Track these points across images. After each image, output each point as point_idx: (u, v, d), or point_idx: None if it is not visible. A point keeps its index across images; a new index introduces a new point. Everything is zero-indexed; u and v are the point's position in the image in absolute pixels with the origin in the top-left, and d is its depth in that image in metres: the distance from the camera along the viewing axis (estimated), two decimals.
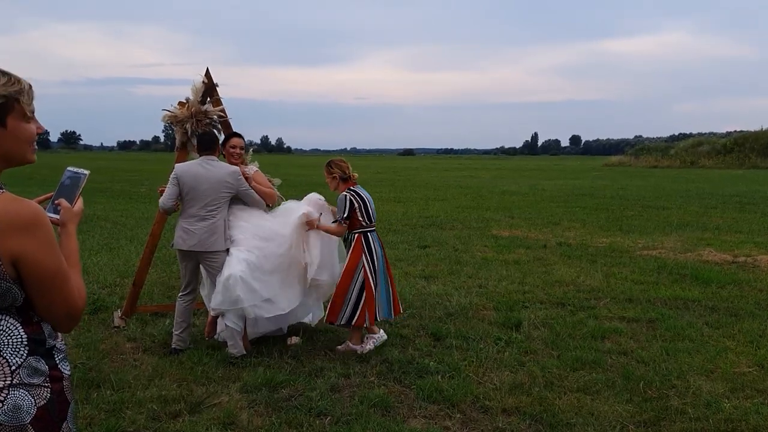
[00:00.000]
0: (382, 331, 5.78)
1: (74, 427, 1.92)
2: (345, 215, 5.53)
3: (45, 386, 1.79)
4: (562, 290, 7.86)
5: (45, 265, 1.73)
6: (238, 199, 5.64)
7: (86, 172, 2.03)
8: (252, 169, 5.88)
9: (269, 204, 5.83)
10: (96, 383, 4.73)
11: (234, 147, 5.75)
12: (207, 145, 5.61)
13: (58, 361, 1.84)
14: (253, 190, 5.65)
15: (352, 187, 5.65)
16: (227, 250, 5.48)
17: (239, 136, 5.87)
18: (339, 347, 5.63)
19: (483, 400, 4.53)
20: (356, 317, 5.49)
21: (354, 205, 5.54)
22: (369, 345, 5.57)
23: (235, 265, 5.30)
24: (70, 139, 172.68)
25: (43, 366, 1.79)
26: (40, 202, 2.00)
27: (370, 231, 5.65)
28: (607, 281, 8.34)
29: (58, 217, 1.95)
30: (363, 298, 5.50)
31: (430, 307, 6.96)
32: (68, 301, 1.80)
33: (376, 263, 5.58)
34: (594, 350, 5.57)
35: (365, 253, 5.56)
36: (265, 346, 5.61)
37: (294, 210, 5.77)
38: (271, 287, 5.44)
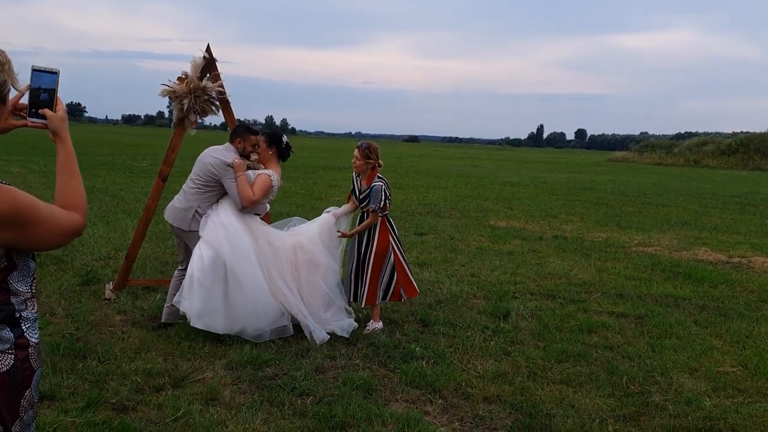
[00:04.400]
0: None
1: (36, 396, 1.94)
2: (381, 205, 5.65)
3: (9, 353, 1.80)
4: (553, 282, 7.87)
5: (38, 236, 1.78)
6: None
7: (57, 70, 1.94)
8: (255, 173, 5.52)
9: (244, 205, 5.37)
10: (82, 354, 4.76)
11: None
12: (230, 135, 5.74)
13: (25, 329, 1.85)
14: (234, 184, 5.33)
15: (380, 175, 5.79)
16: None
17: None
18: (366, 331, 5.67)
19: (465, 387, 4.56)
20: (390, 294, 5.79)
21: (387, 193, 5.73)
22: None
23: (193, 263, 5.23)
24: (74, 111, 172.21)
25: (8, 334, 1.80)
26: (16, 107, 1.98)
27: (389, 214, 5.90)
28: (600, 276, 8.35)
29: (43, 122, 1.92)
30: (395, 277, 5.77)
31: (420, 294, 6.95)
32: (67, 233, 1.85)
33: (399, 241, 5.94)
34: (580, 343, 5.59)
35: (392, 234, 5.81)
36: None
37: (302, 228, 5.78)
38: (219, 300, 5.17)
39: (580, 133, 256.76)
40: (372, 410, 4.08)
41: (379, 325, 5.76)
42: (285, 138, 5.73)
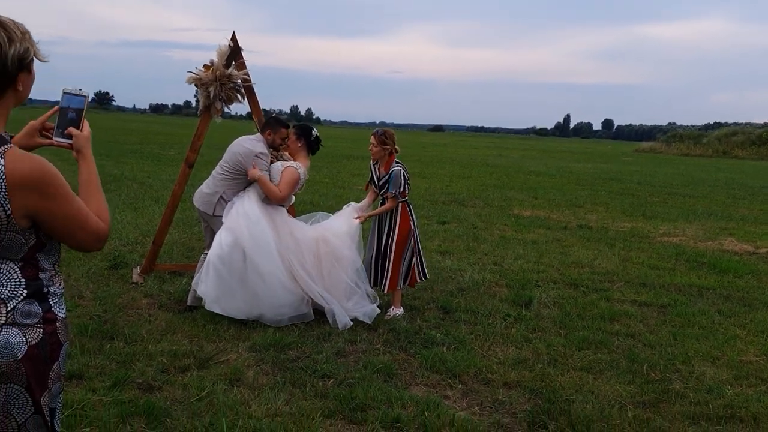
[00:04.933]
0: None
1: (64, 369, 2.01)
2: (401, 190, 5.68)
3: (38, 327, 1.86)
4: (577, 271, 7.86)
5: (61, 215, 1.81)
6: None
7: (86, 93, 2.03)
8: (284, 164, 5.62)
9: (275, 203, 5.56)
10: (110, 335, 4.88)
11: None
12: (262, 126, 5.86)
13: (52, 304, 1.91)
14: (258, 177, 5.43)
15: (398, 160, 5.81)
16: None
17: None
18: (387, 317, 5.70)
19: (485, 373, 4.59)
20: (409, 278, 5.88)
21: (407, 178, 5.76)
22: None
23: (213, 248, 5.32)
24: (103, 99, 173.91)
25: (37, 308, 1.86)
26: (43, 127, 2.04)
27: (409, 200, 5.91)
28: (624, 265, 8.32)
29: (69, 142, 1.97)
30: (413, 261, 5.86)
31: (442, 281, 7.02)
32: (92, 232, 1.89)
33: (417, 229, 5.98)
34: (602, 331, 5.59)
35: (412, 220, 5.85)
36: None
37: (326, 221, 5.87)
38: (235, 286, 5.26)
39: (607, 123, 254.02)
40: (392, 393, 4.14)
41: (400, 311, 5.81)
42: (315, 131, 5.79)
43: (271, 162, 5.65)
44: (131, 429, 3.53)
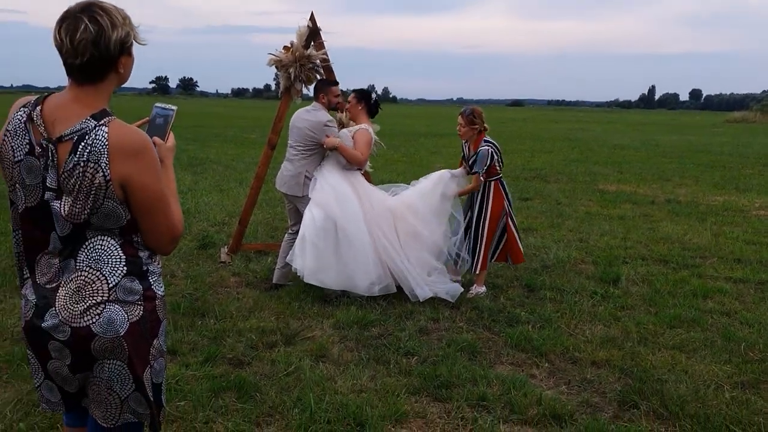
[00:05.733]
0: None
1: (165, 345, 2.08)
2: (486, 168, 5.62)
3: (138, 304, 1.93)
4: (666, 247, 7.58)
5: (150, 189, 1.86)
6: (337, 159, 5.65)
7: (174, 108, 2.10)
8: (350, 130, 5.73)
9: (358, 167, 5.67)
10: (201, 312, 5.05)
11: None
12: (314, 92, 5.87)
13: (152, 282, 1.98)
14: (338, 145, 5.51)
15: (487, 139, 5.71)
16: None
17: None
18: (470, 295, 5.67)
19: (573, 352, 4.50)
20: (496, 256, 5.83)
21: (495, 157, 5.65)
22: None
23: (305, 224, 5.39)
24: (187, 85, 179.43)
25: (138, 286, 1.93)
26: None
27: (502, 177, 5.82)
28: (716, 240, 7.97)
29: None
30: (504, 240, 5.77)
31: (526, 259, 6.87)
32: (170, 224, 1.94)
33: (511, 206, 5.87)
34: (694, 309, 5.39)
35: (506, 198, 5.77)
36: None
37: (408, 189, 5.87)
38: (331, 258, 5.34)
39: (695, 94, 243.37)
40: (477, 371, 4.11)
41: (483, 289, 5.75)
42: (374, 95, 5.96)
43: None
44: (223, 403, 3.64)
